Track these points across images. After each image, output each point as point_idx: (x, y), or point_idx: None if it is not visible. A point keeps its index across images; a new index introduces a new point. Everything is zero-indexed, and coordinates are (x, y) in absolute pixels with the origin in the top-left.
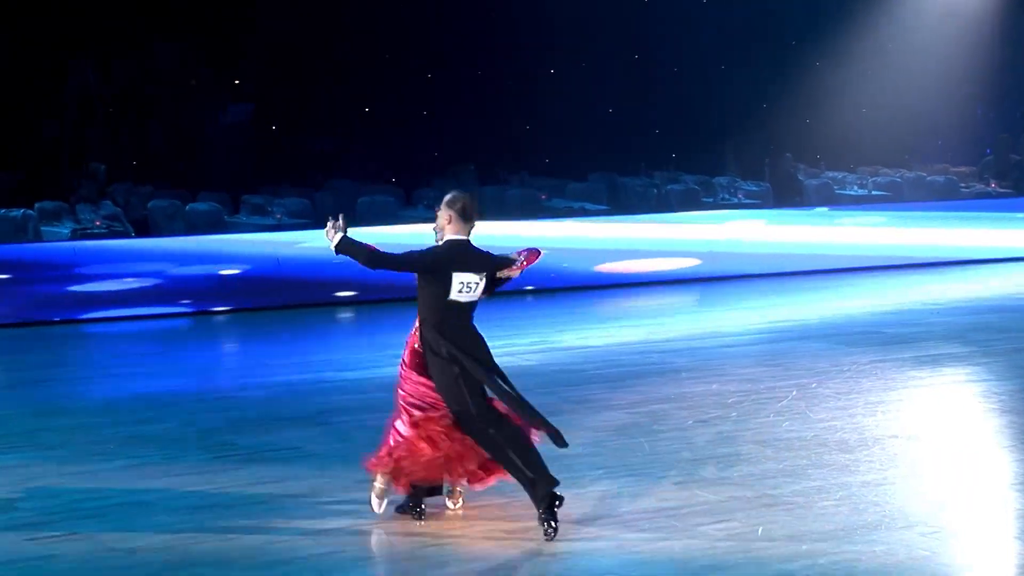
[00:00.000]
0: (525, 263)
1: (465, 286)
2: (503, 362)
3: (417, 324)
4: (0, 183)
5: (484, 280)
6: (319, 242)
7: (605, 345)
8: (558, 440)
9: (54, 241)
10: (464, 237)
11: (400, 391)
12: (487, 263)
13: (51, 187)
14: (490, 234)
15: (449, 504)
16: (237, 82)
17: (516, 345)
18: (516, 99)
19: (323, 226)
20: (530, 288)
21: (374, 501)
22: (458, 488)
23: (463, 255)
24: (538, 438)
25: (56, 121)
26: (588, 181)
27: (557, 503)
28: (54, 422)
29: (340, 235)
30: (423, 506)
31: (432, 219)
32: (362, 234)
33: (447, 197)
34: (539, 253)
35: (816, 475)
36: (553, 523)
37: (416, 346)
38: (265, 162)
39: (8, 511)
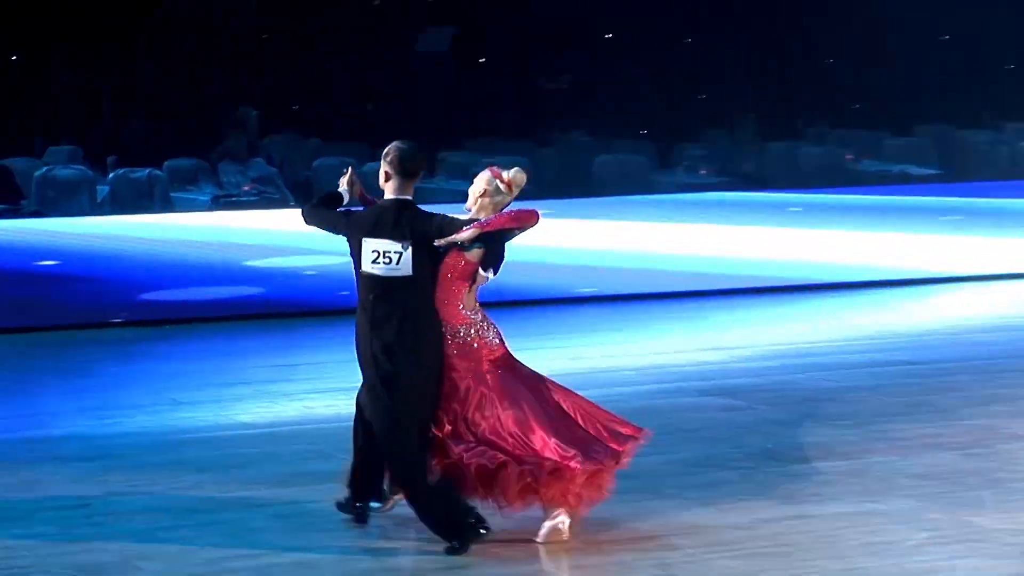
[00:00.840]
0: (489, 226)
1: (382, 256)
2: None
3: None
4: (120, 134)
5: (409, 249)
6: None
7: (932, 361)
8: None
9: (190, 211)
10: (403, 196)
11: None
12: (419, 228)
13: (186, 139)
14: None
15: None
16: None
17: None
18: (813, 25)
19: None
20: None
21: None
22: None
23: (384, 218)
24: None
25: (195, 52)
26: (912, 136)
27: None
28: (193, 454)
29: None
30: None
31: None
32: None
33: (385, 150)
34: (530, 216)
35: None
36: None
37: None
38: (471, 108)
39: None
